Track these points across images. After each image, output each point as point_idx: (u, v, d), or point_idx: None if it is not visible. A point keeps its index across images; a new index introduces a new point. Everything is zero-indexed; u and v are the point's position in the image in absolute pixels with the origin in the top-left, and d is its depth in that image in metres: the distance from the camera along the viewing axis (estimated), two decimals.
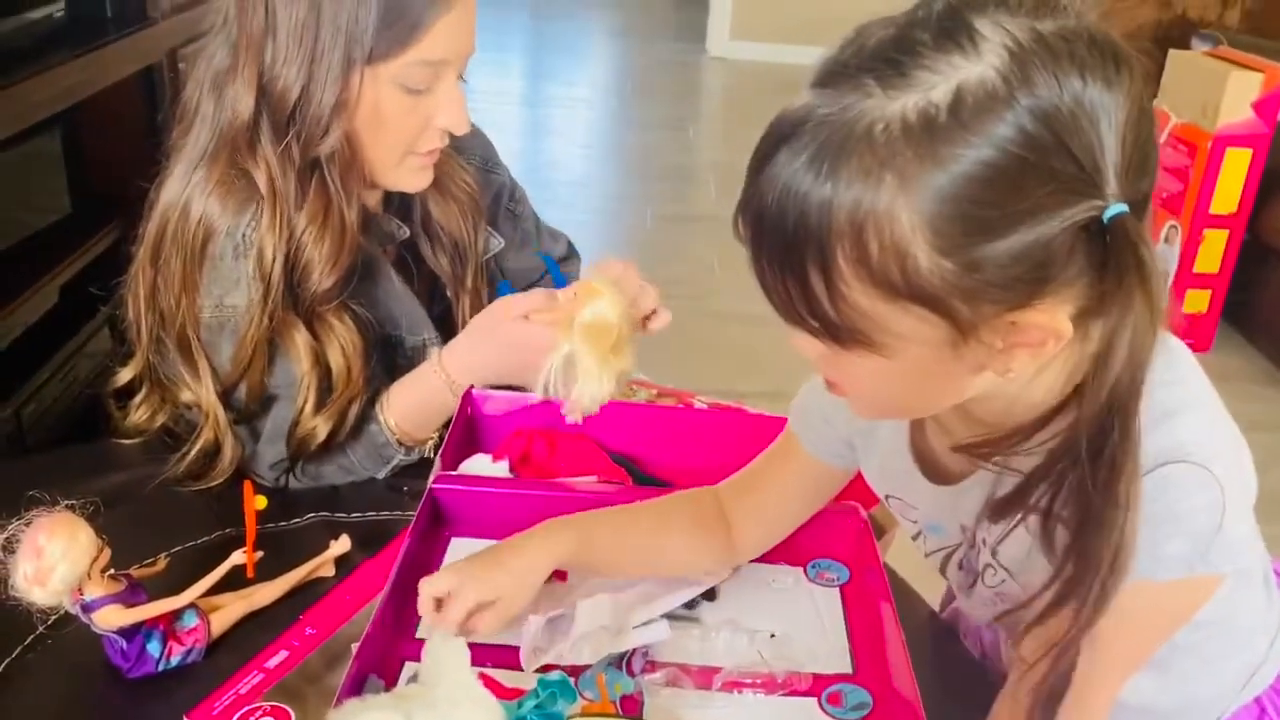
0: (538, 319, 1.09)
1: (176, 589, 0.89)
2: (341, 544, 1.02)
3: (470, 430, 1.16)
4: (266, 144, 1.07)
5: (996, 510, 0.70)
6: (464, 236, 1.28)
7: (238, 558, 0.93)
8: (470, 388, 1.15)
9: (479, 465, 1.11)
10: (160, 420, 1.18)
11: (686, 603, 0.96)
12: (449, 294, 1.30)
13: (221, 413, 1.11)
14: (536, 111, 5.14)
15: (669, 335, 1.15)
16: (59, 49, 1.42)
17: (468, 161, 1.30)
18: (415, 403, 1.17)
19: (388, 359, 1.20)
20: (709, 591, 0.98)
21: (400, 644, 0.91)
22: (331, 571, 1.01)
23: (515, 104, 5.09)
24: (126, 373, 1.19)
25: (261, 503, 1.01)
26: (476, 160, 1.33)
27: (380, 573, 0.97)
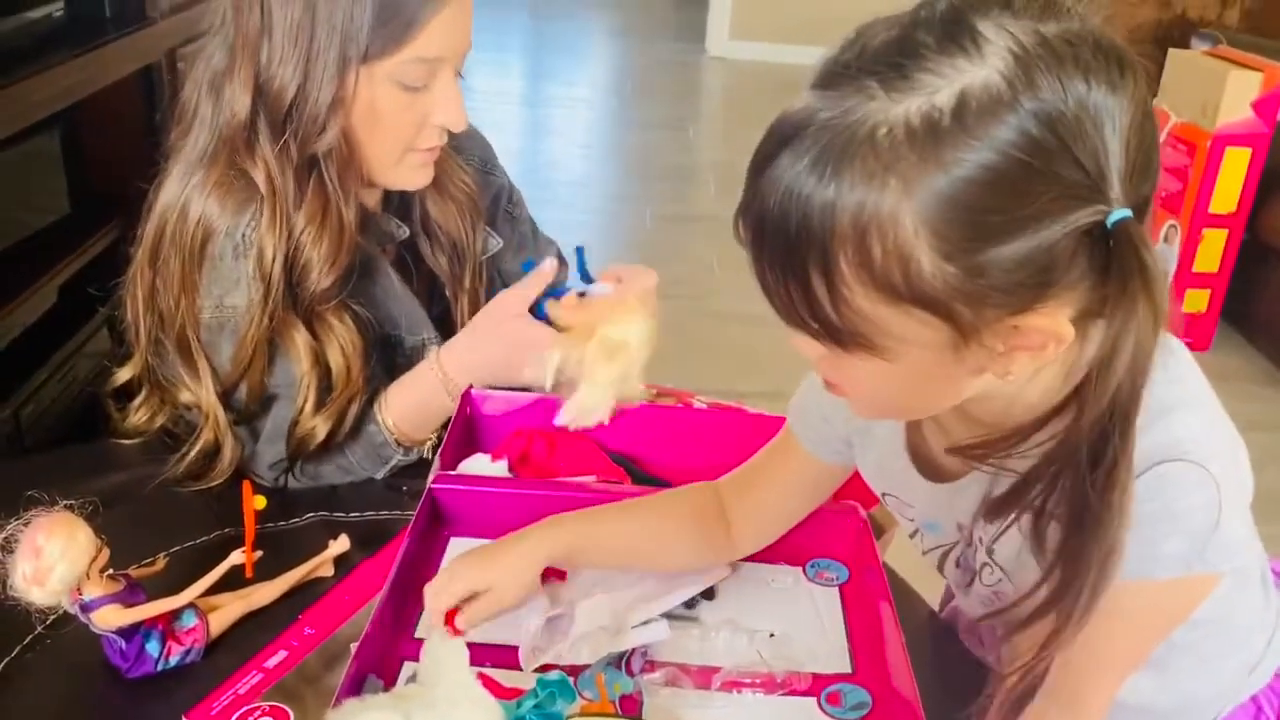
0: (559, 315, 1.09)
1: (175, 589, 0.89)
2: (340, 544, 1.02)
3: (469, 430, 1.16)
4: (264, 143, 1.07)
5: (992, 510, 0.70)
6: (463, 237, 1.28)
7: (236, 557, 0.93)
8: (469, 388, 1.15)
9: (478, 465, 1.11)
10: (160, 421, 1.18)
11: (686, 602, 0.96)
12: (448, 294, 1.30)
13: (221, 413, 1.11)
14: (536, 111, 5.13)
15: (669, 335, 1.15)
16: (58, 49, 1.42)
17: (466, 162, 1.30)
18: (413, 403, 1.17)
19: (387, 359, 1.20)
20: (708, 591, 0.98)
21: (399, 644, 0.91)
22: (330, 571, 1.01)
23: (515, 104, 5.08)
24: (125, 373, 1.19)
25: (260, 502, 1.01)
26: (475, 161, 1.33)
27: (379, 572, 0.97)
